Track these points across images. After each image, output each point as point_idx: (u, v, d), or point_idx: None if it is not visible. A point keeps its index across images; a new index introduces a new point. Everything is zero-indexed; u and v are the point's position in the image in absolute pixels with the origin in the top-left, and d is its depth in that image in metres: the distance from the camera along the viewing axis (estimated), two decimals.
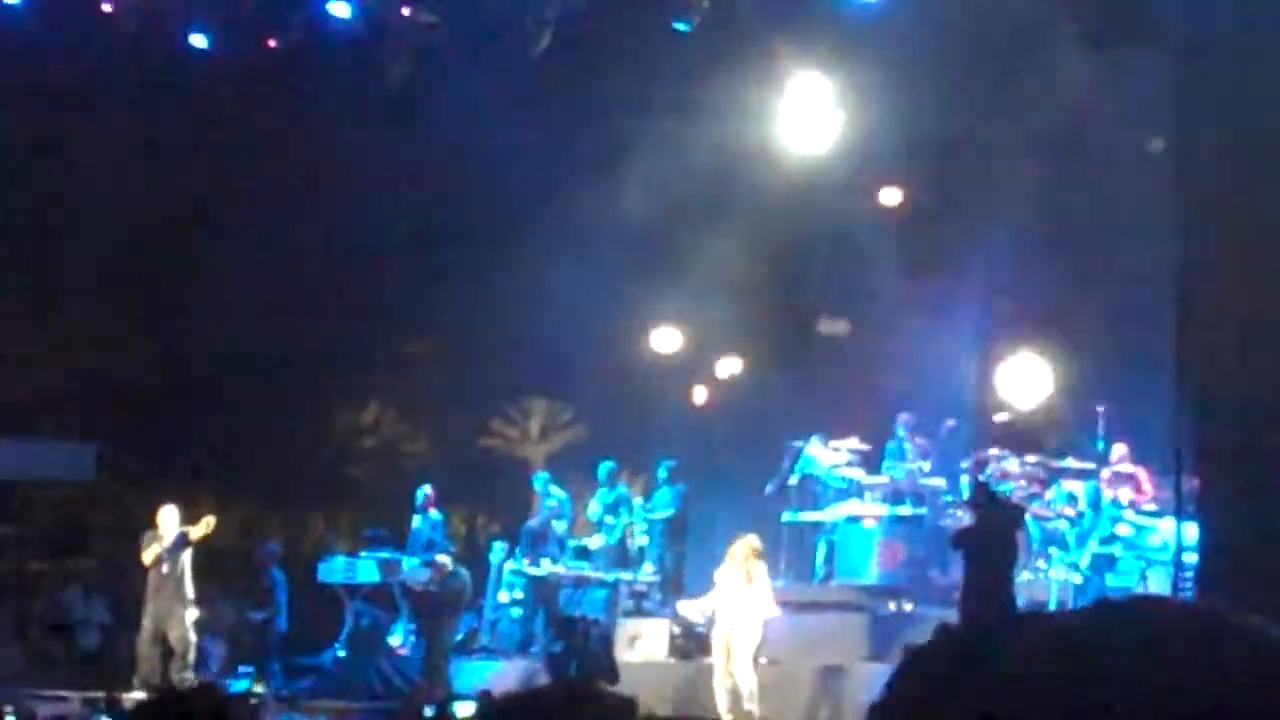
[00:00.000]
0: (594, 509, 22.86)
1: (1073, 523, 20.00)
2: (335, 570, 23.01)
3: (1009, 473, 20.46)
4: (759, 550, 18.38)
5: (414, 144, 23.42)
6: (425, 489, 23.21)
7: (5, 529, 25.02)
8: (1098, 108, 21.32)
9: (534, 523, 22.43)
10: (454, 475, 24.39)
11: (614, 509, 22.78)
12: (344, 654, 22.06)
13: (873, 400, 22.85)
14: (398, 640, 22.31)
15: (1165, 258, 18.23)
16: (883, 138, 22.23)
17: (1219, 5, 15.96)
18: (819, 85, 22.03)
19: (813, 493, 21.90)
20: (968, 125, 21.62)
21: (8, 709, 15.77)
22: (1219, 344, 15.86)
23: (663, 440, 24.16)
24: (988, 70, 21.15)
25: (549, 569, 21.76)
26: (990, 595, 16.42)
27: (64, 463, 25.46)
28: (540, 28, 21.40)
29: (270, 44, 22.26)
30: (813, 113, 22.14)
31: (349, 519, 25.61)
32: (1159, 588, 17.54)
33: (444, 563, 20.93)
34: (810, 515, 21.74)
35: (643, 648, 20.54)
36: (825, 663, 18.43)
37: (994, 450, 20.74)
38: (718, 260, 23.30)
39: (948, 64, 20.90)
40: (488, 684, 19.60)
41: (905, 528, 21.30)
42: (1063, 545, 19.94)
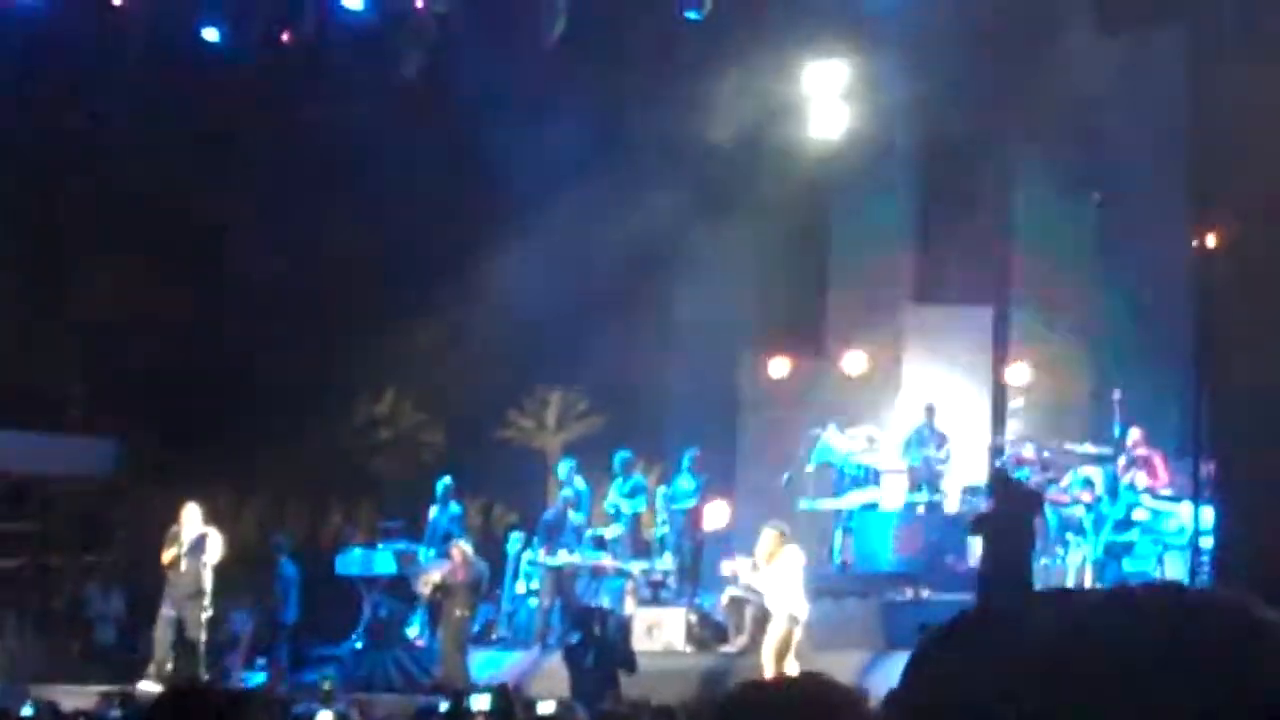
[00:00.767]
0: (611, 498, 22.86)
1: (1089, 508, 19.98)
2: (353, 562, 23.07)
3: (1025, 459, 20.45)
4: (784, 537, 18.19)
5: (428, 134, 23.42)
6: (446, 481, 23.23)
7: (26, 524, 25.04)
8: (1114, 95, 21.29)
9: (550, 513, 22.44)
10: (470, 465, 24.39)
11: (630, 498, 22.78)
12: (361, 645, 22.10)
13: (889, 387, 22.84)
14: (415, 632, 22.35)
15: (1182, 244, 18.21)
16: (897, 127, 22.21)
17: None
18: (834, 74, 22.02)
19: (830, 480, 21.90)
20: (984, 113, 21.56)
21: (27, 703, 15.83)
22: (1235, 329, 15.85)
23: (681, 429, 24.13)
24: (1003, 58, 21.12)
25: (566, 559, 21.76)
26: (1008, 581, 16.41)
27: (84, 458, 25.48)
28: (555, 13, 21.41)
29: (283, 38, 22.26)
30: (827, 101, 22.13)
31: (367, 510, 25.61)
32: (1176, 572, 17.52)
33: (464, 548, 20.88)
34: (828, 503, 21.73)
35: (660, 637, 20.54)
36: (843, 650, 18.41)
37: (1010, 436, 20.73)
38: (733, 247, 23.29)
39: (963, 52, 20.86)
40: (505, 675, 19.63)
41: (922, 515, 21.30)
42: (1080, 531, 19.92)
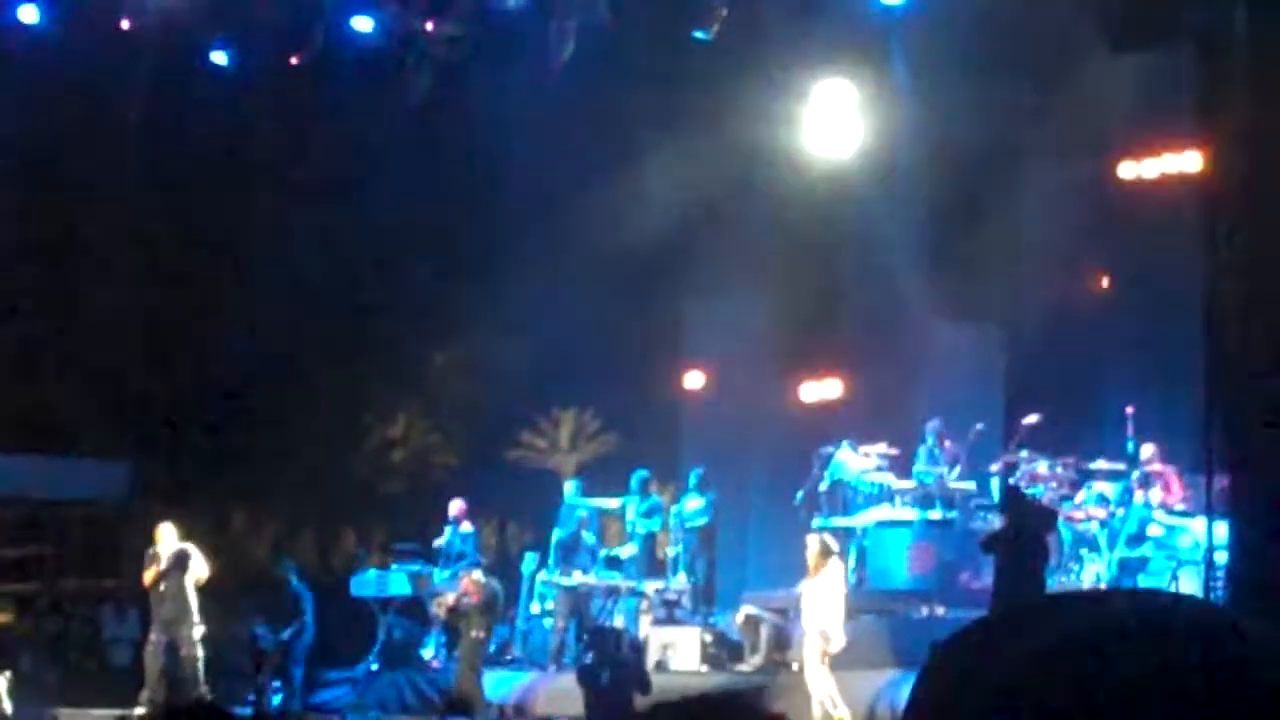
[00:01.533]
0: (629, 517, 22.85)
1: (1103, 524, 19.94)
2: (367, 583, 23.07)
3: (1039, 475, 20.41)
4: (827, 548, 18.19)
5: (438, 155, 23.46)
6: (458, 502, 23.22)
7: (41, 549, 25.07)
8: (1124, 110, 21.29)
9: (564, 533, 22.42)
10: (484, 486, 24.41)
11: (646, 518, 22.77)
12: (376, 667, 22.09)
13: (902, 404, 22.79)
14: (430, 653, 22.33)
15: (1194, 257, 18.18)
16: (908, 143, 22.19)
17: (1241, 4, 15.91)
18: (843, 92, 22.01)
19: (843, 498, 21.87)
20: (994, 129, 21.52)
21: None
22: (1249, 343, 15.81)
23: (691, 448, 24.13)
24: (1013, 74, 21.12)
25: (580, 579, 21.74)
26: (1023, 598, 16.36)
27: (98, 483, 25.52)
28: (564, 35, 21.41)
29: (292, 60, 22.27)
30: (837, 119, 22.11)
31: (381, 532, 25.62)
32: (1190, 588, 17.46)
33: (476, 578, 20.83)
34: (841, 521, 21.69)
35: (675, 657, 20.52)
36: (857, 668, 18.36)
37: (1024, 453, 20.68)
38: (744, 267, 23.28)
39: (971, 68, 20.86)
40: (519, 695, 19.60)
41: (936, 532, 21.26)
42: (1094, 547, 19.87)
